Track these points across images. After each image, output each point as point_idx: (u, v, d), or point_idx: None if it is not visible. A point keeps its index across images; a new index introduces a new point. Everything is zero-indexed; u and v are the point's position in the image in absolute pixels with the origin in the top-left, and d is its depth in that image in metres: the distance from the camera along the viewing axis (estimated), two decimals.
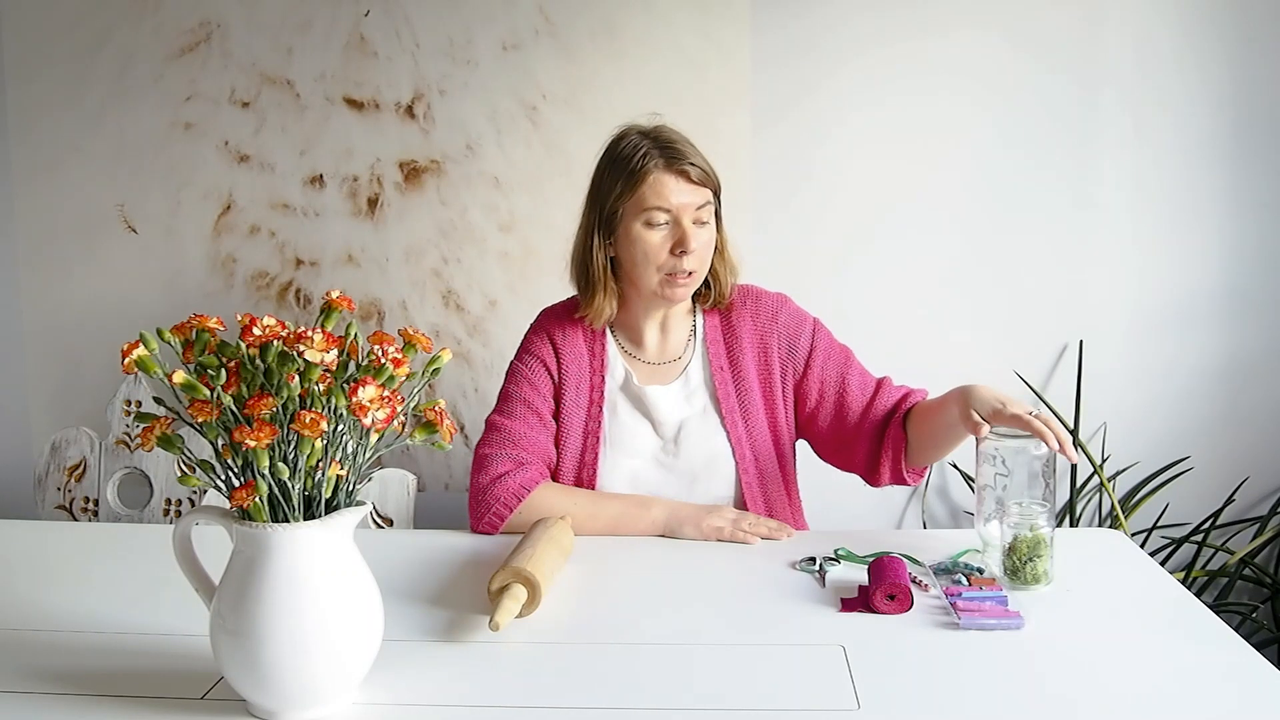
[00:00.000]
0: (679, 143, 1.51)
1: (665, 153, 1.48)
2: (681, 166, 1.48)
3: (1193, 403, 2.32)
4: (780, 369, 1.59)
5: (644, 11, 2.25)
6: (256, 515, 0.94)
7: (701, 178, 1.50)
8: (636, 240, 1.50)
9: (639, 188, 1.48)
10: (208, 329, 0.95)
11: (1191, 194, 2.26)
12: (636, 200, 1.49)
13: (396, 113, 2.29)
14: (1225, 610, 2.17)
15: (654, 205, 1.48)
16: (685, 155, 1.49)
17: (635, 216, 1.50)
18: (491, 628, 1.10)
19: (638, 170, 1.48)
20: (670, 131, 1.53)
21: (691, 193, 1.49)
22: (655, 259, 1.50)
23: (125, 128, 2.33)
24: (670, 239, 1.49)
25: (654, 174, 1.48)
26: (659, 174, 1.48)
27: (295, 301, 2.36)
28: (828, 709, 0.99)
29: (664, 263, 1.50)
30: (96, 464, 1.94)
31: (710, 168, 1.52)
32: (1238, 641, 1.12)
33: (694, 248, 1.49)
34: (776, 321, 1.59)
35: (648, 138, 1.51)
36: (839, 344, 1.62)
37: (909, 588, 1.20)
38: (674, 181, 1.48)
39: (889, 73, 2.25)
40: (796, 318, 1.61)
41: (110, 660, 1.10)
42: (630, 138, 1.52)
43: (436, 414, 1.00)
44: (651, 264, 1.50)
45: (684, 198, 1.48)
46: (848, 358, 1.60)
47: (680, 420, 1.57)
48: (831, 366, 1.58)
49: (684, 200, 1.48)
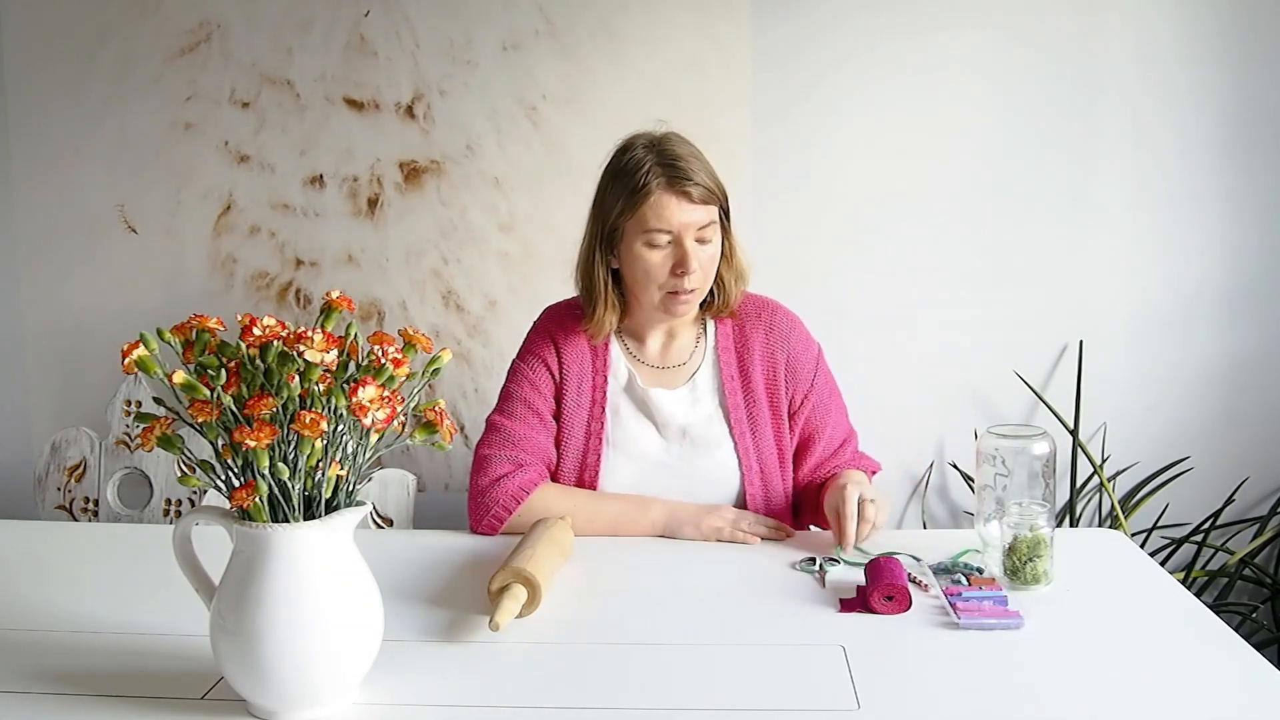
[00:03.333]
0: (684, 159, 1.46)
1: (668, 171, 1.45)
2: (684, 188, 1.44)
3: (1193, 403, 2.32)
4: (785, 387, 1.58)
5: (644, 11, 2.25)
6: (256, 515, 0.95)
7: (705, 196, 1.46)
8: (638, 258, 1.48)
9: (640, 207, 1.45)
10: (208, 329, 0.95)
11: (1191, 194, 2.26)
12: (638, 219, 1.46)
13: (396, 113, 2.29)
14: (1225, 610, 2.17)
15: (655, 227, 1.45)
16: (689, 175, 1.45)
17: (636, 235, 1.47)
18: (491, 628, 1.11)
19: (639, 189, 1.45)
20: (676, 144, 1.49)
21: (694, 212, 1.46)
22: (656, 278, 1.48)
23: (125, 128, 2.33)
24: (671, 259, 1.47)
25: (655, 194, 1.44)
26: (661, 194, 1.44)
27: (295, 302, 2.36)
28: (828, 709, 0.99)
29: (665, 282, 1.48)
30: (96, 464, 1.94)
31: (715, 183, 1.48)
32: (1238, 641, 1.12)
33: (695, 268, 1.46)
34: (789, 341, 1.58)
35: (652, 151, 1.47)
36: (832, 381, 1.63)
37: (907, 588, 1.20)
38: (676, 202, 1.45)
39: (889, 73, 2.25)
40: (805, 344, 1.60)
41: (110, 660, 1.10)
42: (635, 151, 1.49)
43: (436, 414, 1.00)
44: (653, 283, 1.49)
45: (686, 217, 1.45)
46: (832, 401, 1.61)
47: (684, 424, 1.56)
48: (819, 409, 1.59)
49: (686, 220, 1.45)
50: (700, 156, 1.49)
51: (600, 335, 1.56)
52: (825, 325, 1.72)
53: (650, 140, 1.50)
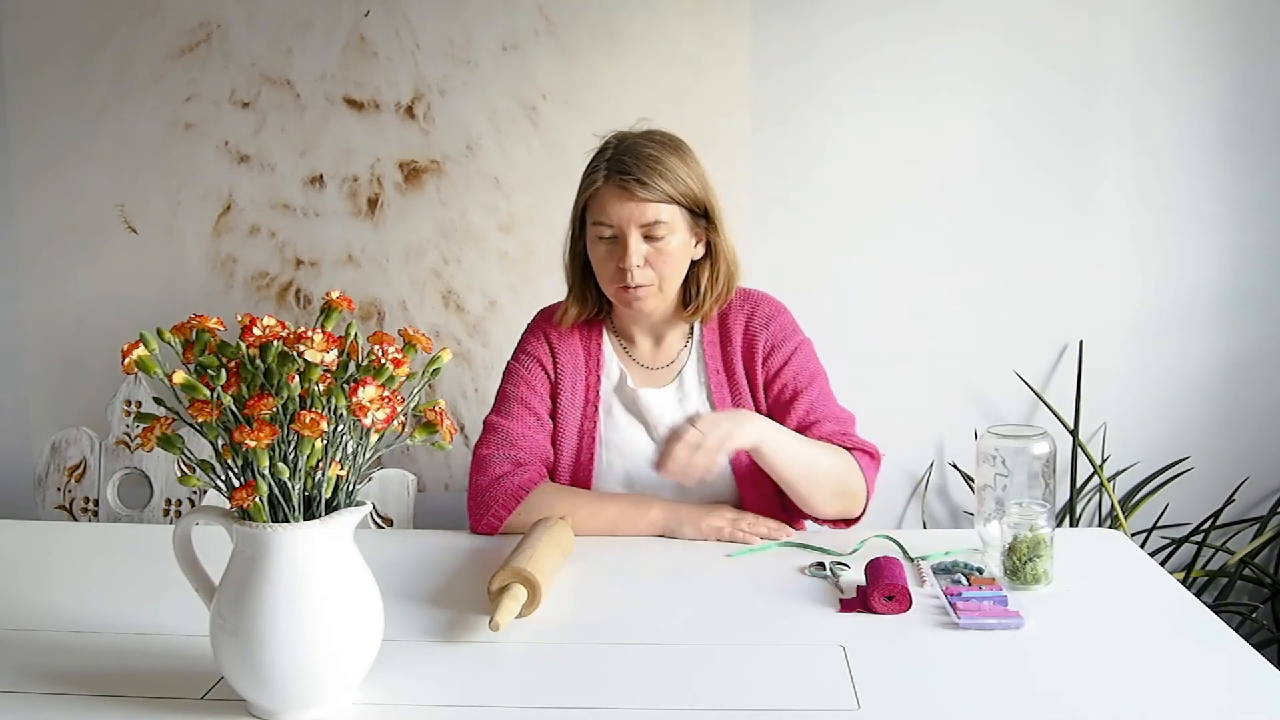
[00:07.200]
0: (639, 157, 1.45)
1: (616, 166, 1.45)
2: (624, 182, 1.44)
3: (1193, 403, 2.32)
4: (761, 373, 1.57)
5: (644, 12, 2.25)
6: (256, 515, 0.94)
7: (655, 195, 1.44)
8: (591, 249, 1.51)
9: (589, 198, 1.49)
10: (208, 329, 0.95)
11: (1191, 194, 2.26)
12: (590, 210, 1.49)
13: (396, 113, 2.30)
14: (1225, 610, 2.17)
15: (598, 219, 1.48)
16: (633, 170, 1.44)
17: (589, 226, 1.50)
18: (491, 628, 1.10)
19: (590, 181, 1.48)
20: (639, 142, 1.48)
21: (636, 208, 1.45)
22: (604, 271, 1.50)
23: (125, 128, 2.33)
24: (616, 253, 1.48)
25: (600, 186, 1.46)
26: (604, 187, 1.46)
27: (295, 301, 2.36)
28: (828, 709, 0.99)
29: (613, 274, 1.49)
30: (96, 464, 1.94)
31: (676, 184, 1.46)
32: (1238, 641, 1.12)
33: (631, 265, 1.46)
34: (768, 328, 1.57)
35: (614, 146, 1.49)
36: (814, 367, 1.57)
37: (907, 588, 1.20)
38: (616, 195, 1.45)
39: (889, 73, 2.25)
40: (784, 331, 1.58)
41: (110, 660, 1.10)
42: (604, 143, 1.51)
43: (436, 414, 1.00)
44: (604, 274, 1.51)
45: (627, 213, 1.45)
46: (813, 384, 1.55)
47: (672, 424, 1.56)
48: (789, 388, 1.54)
49: (626, 215, 1.45)
50: (667, 156, 1.47)
51: (566, 320, 1.58)
52: (825, 325, 1.72)
53: (623, 135, 1.52)
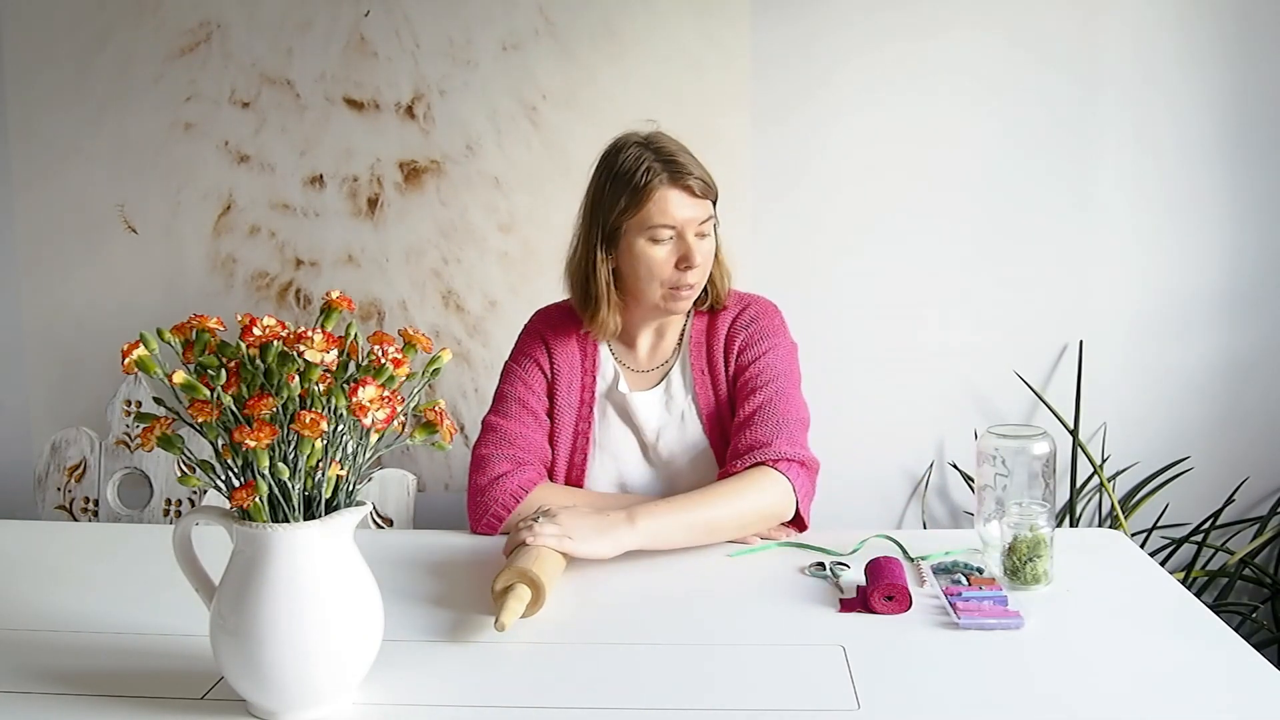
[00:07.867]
0: (680, 154, 1.49)
1: (669, 167, 1.47)
2: (686, 182, 1.46)
3: (1193, 403, 2.32)
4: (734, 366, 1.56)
5: (644, 12, 2.25)
6: (256, 515, 0.95)
7: (704, 190, 1.48)
8: (640, 256, 1.49)
9: (644, 204, 1.47)
10: (208, 329, 0.95)
11: (1191, 194, 2.26)
12: (641, 217, 1.47)
13: (396, 113, 2.29)
14: (1225, 610, 2.17)
15: (659, 222, 1.47)
16: (689, 169, 1.47)
17: (639, 232, 1.48)
18: (497, 628, 1.11)
19: (642, 186, 1.46)
20: (668, 141, 1.51)
21: (695, 206, 1.48)
22: (660, 274, 1.49)
23: (125, 128, 2.33)
24: (675, 254, 1.48)
25: (659, 190, 1.46)
26: (664, 190, 1.46)
27: (295, 301, 2.36)
28: (828, 709, 0.99)
29: (668, 277, 1.49)
30: (96, 464, 1.94)
31: (710, 178, 1.51)
32: (1238, 641, 1.12)
33: (699, 262, 1.48)
34: (749, 327, 1.57)
35: (649, 150, 1.49)
36: (785, 370, 1.54)
37: (907, 588, 1.20)
38: (678, 197, 1.47)
39: (889, 73, 2.25)
40: (766, 330, 1.57)
41: (110, 660, 1.10)
42: (630, 150, 1.50)
43: (436, 414, 1.00)
44: (656, 279, 1.50)
45: (688, 212, 1.47)
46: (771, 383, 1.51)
47: (659, 427, 1.57)
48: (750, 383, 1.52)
49: (689, 214, 1.47)
50: (690, 152, 1.51)
51: (605, 334, 1.57)
52: (825, 326, 1.72)
53: (642, 139, 1.52)
